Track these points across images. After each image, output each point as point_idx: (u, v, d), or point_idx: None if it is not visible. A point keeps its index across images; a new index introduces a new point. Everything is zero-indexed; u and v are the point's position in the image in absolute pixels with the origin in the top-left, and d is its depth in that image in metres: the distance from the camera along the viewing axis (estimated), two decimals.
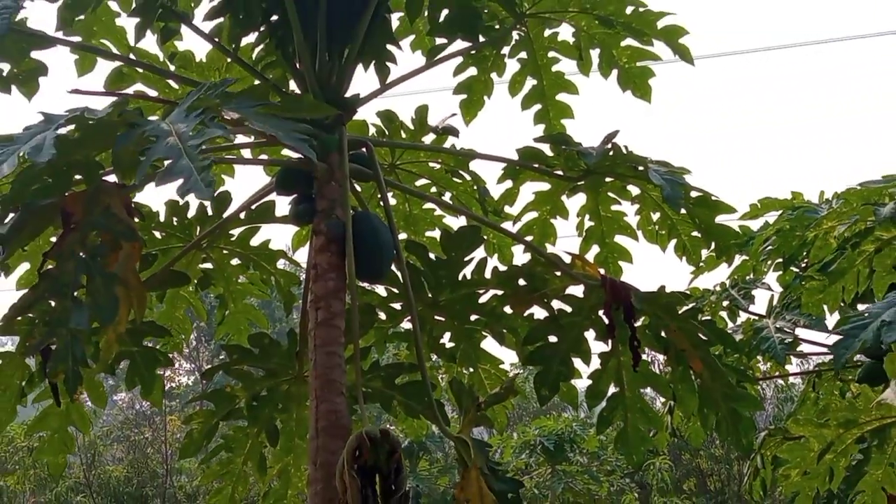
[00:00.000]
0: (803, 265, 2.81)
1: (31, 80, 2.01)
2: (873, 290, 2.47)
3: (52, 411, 2.25)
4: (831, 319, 2.95)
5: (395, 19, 2.24)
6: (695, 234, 2.30)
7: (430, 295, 2.22)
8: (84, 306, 1.69)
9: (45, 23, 2.04)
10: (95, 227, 1.72)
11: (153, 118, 1.79)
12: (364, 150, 2.18)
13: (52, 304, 1.74)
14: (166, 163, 1.50)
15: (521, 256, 2.52)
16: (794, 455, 2.50)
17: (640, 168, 2.08)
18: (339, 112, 2.00)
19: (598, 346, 2.18)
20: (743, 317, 3.25)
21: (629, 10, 2.19)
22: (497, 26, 2.31)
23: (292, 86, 2.23)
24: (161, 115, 2.01)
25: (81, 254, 1.70)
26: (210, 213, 2.33)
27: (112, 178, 1.84)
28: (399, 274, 2.12)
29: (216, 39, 2.19)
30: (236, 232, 2.40)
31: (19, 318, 1.86)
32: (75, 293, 1.69)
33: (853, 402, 2.36)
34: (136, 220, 1.87)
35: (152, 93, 2.25)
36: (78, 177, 1.80)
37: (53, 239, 1.76)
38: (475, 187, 2.48)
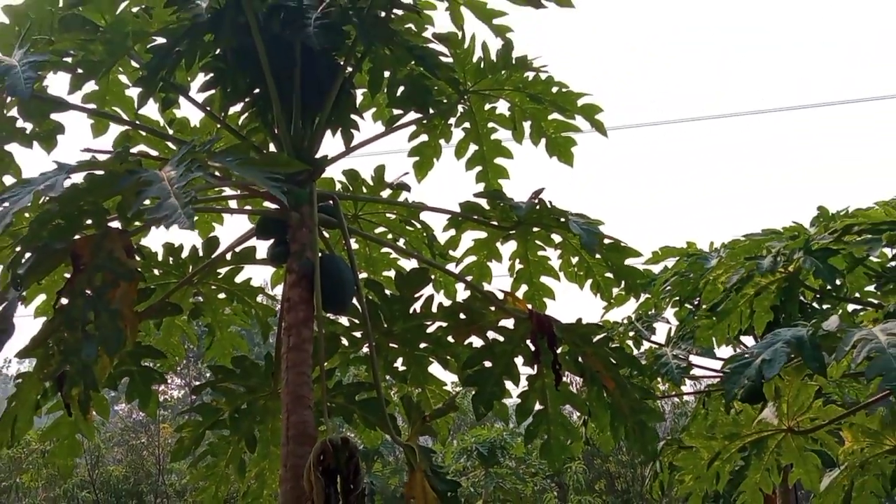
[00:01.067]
0: (696, 302, 3.12)
1: (51, 138, 2.24)
2: (754, 326, 2.80)
3: (64, 421, 2.43)
4: (719, 350, 3.28)
5: (360, 94, 2.48)
6: (608, 274, 2.55)
7: (385, 325, 2.43)
8: (93, 339, 1.88)
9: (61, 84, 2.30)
10: (100, 269, 1.91)
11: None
12: (331, 202, 2.39)
13: (66, 335, 1.91)
14: (157, 202, 1.75)
15: (462, 293, 2.68)
16: (688, 462, 2.80)
17: (562, 219, 2.33)
18: (310, 169, 2.23)
19: (525, 370, 2.35)
20: (646, 345, 3.60)
21: (554, 89, 2.48)
22: (445, 101, 2.57)
23: (272, 148, 2.38)
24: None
25: (89, 292, 1.91)
26: (201, 254, 2.58)
27: (116, 223, 2.09)
28: (359, 307, 2.32)
29: (208, 108, 2.42)
30: (223, 271, 2.64)
31: (39, 345, 2.03)
32: (85, 327, 1.88)
33: (736, 419, 2.65)
34: (138, 258, 2.12)
35: (153, 153, 2.46)
36: (88, 221, 1.99)
37: (67, 275, 1.95)
38: (424, 234, 2.74)
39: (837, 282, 2.55)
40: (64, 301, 1.95)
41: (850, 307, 2.79)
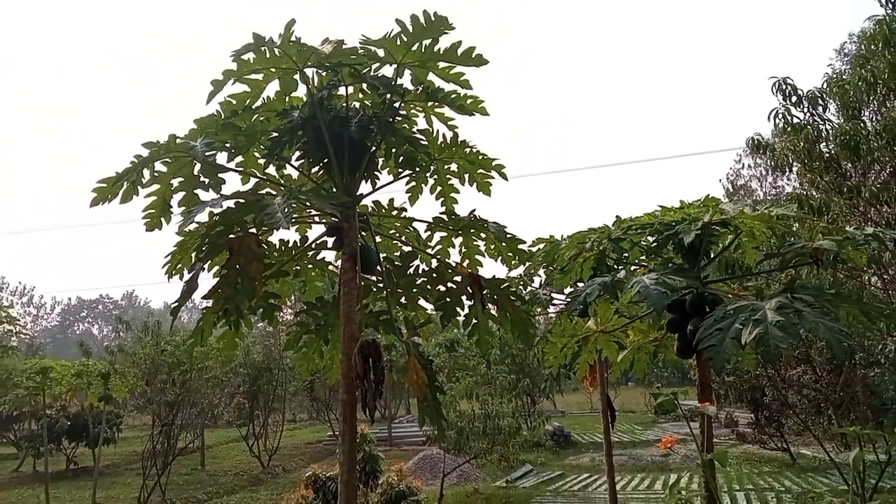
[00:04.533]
0: (553, 266, 4.08)
1: (217, 186, 3.16)
2: (583, 278, 3.84)
3: (228, 332, 3.42)
4: (566, 290, 4.41)
5: (380, 160, 3.56)
6: (509, 253, 3.70)
7: (394, 280, 3.55)
8: (240, 290, 3.15)
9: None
10: (243, 254, 2.94)
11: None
12: (365, 217, 3.48)
13: (226, 288, 2.99)
14: (272, 216, 2.99)
15: (434, 264, 3.70)
16: (550, 348, 4.13)
17: (486, 224, 3.55)
18: (353, 201, 3.35)
19: (468, 303, 3.48)
20: (529, 289, 4.84)
21: (480, 157, 3.63)
22: (424, 164, 3.61)
23: (333, 190, 3.39)
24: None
25: (237, 266, 2.94)
26: (299, 245, 3.68)
27: (252, 229, 3.58)
28: (381, 271, 3.50)
29: (300, 169, 3.51)
30: (310, 254, 3.74)
31: (213, 293, 3.19)
32: (236, 285, 2.96)
33: (575, 325, 4.05)
34: (265, 247, 3.61)
35: (273, 192, 3.37)
36: (237, 228, 3.25)
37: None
38: (415, 234, 3.84)
39: (625, 254, 3.83)
40: (224, 271, 3.00)
41: (633, 268, 3.87)
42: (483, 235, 3.77)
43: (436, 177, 3.82)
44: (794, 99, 7.95)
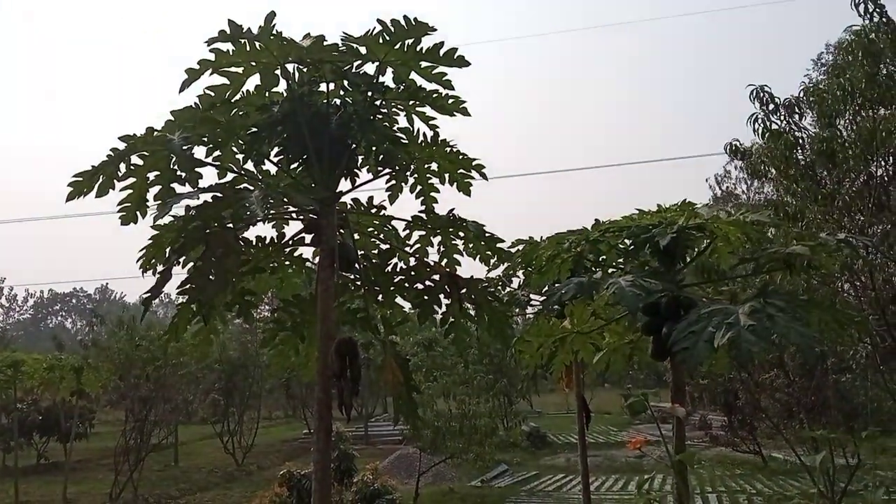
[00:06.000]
0: (532, 267, 4.07)
1: (195, 180, 3.10)
2: (561, 279, 3.76)
3: (203, 327, 3.46)
4: (543, 290, 4.54)
5: (359, 158, 3.50)
6: (488, 253, 3.64)
7: (372, 278, 3.56)
8: (214, 283, 3.20)
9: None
10: (220, 247, 3.01)
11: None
12: (343, 214, 3.49)
13: (200, 281, 3.04)
14: (249, 208, 2.99)
15: (412, 262, 3.71)
16: (527, 348, 4.04)
17: (464, 223, 3.50)
18: (332, 196, 3.31)
19: (445, 301, 3.49)
20: (507, 289, 5.00)
21: (460, 156, 3.57)
22: (404, 163, 3.60)
23: (313, 185, 3.35)
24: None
25: (213, 258, 3.02)
26: (276, 241, 3.57)
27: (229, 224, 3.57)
28: (359, 268, 3.52)
29: (279, 165, 3.45)
30: (288, 250, 3.67)
31: (187, 286, 3.19)
32: (210, 277, 3.05)
33: (552, 326, 4.01)
34: (241, 243, 3.49)
35: (251, 188, 3.40)
36: (214, 223, 3.22)
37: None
38: (394, 232, 3.81)
39: (602, 256, 3.89)
40: (199, 264, 3.02)
41: (610, 270, 3.92)
42: (462, 234, 3.74)
43: (416, 175, 3.79)
44: (771, 107, 8.06)
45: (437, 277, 3.58)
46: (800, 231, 4.87)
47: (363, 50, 3.25)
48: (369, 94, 3.44)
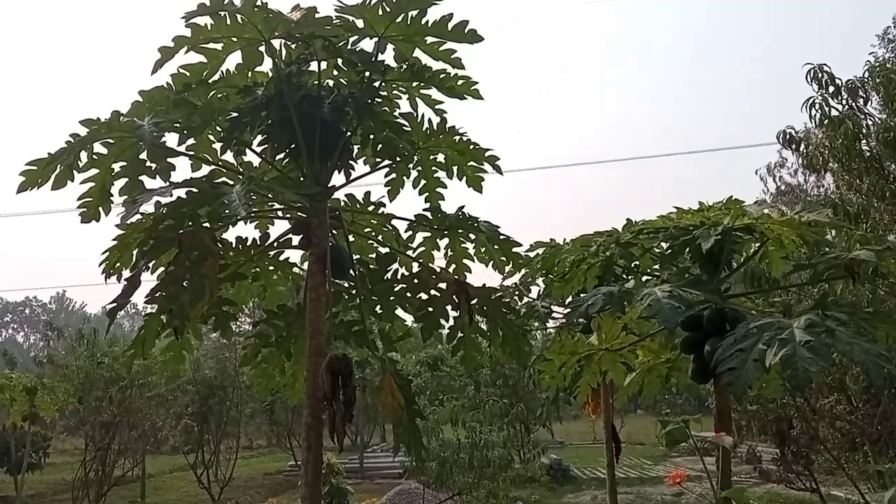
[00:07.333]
0: (555, 273, 4.06)
1: (166, 172, 3.16)
2: (587, 288, 3.74)
3: (173, 341, 3.37)
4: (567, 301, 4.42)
5: (355, 148, 3.51)
6: (503, 258, 3.62)
7: (369, 286, 3.51)
8: (187, 290, 2.97)
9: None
10: (195, 250, 2.85)
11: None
12: (337, 212, 3.46)
13: (172, 288, 2.85)
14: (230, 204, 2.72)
15: (416, 268, 3.67)
16: (548, 368, 3.99)
17: (475, 224, 3.47)
18: (324, 192, 3.29)
19: (453, 314, 3.40)
20: (525, 300, 4.82)
21: (471, 147, 3.54)
22: (406, 153, 3.54)
23: (301, 180, 3.32)
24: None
25: (187, 262, 2.85)
26: (259, 243, 3.58)
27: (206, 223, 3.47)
28: (354, 275, 3.47)
29: (263, 155, 3.42)
30: (272, 253, 3.70)
31: (157, 294, 2.93)
32: (183, 283, 2.84)
33: (576, 342, 3.94)
34: (219, 245, 3.37)
35: (230, 182, 3.30)
36: (189, 221, 2.94)
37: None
38: (394, 233, 3.78)
39: (635, 262, 3.76)
40: (172, 268, 2.91)
41: (644, 278, 3.90)
42: (473, 237, 3.73)
43: (420, 168, 3.77)
44: (831, 89, 8.02)
45: (443, 286, 3.53)
46: (864, 233, 4.82)
47: (360, 23, 3.23)
48: (367, 73, 3.42)
